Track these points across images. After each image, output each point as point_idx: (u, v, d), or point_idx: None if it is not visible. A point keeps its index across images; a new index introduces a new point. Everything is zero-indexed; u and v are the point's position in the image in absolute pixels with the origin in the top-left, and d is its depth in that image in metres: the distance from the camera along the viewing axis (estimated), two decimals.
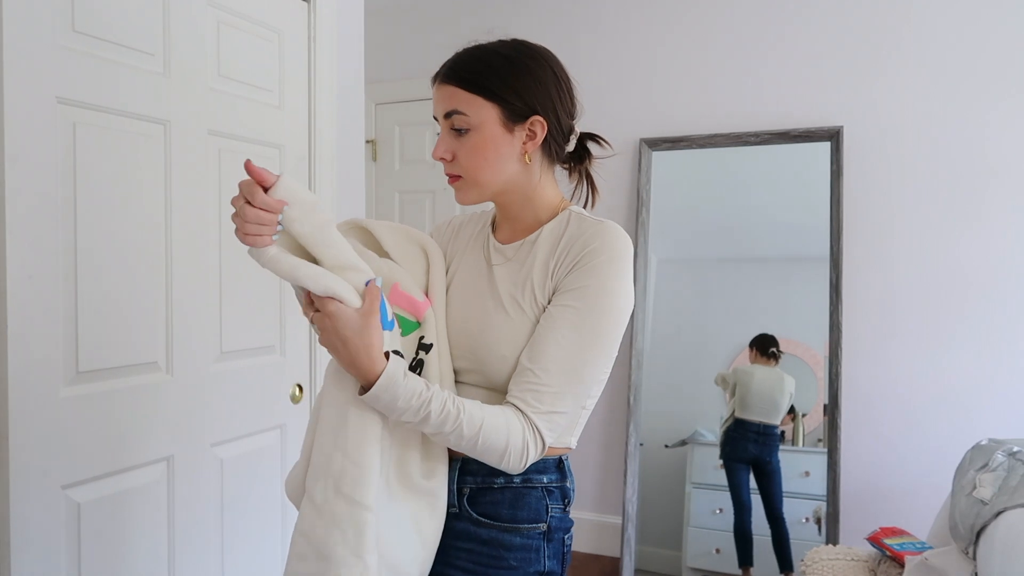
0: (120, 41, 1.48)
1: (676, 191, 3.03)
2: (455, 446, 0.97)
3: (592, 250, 1.01)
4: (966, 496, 1.62)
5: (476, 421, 0.95)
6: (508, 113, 1.05)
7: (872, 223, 2.73)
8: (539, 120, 1.07)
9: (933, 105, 2.66)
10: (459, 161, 1.07)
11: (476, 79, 1.05)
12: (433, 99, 1.10)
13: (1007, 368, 2.57)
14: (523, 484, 1.06)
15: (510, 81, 1.05)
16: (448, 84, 1.06)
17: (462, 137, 1.06)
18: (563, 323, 0.99)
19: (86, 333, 1.42)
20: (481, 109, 1.04)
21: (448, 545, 1.06)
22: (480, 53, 1.08)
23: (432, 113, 1.11)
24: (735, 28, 2.94)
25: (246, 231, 0.90)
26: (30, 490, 1.33)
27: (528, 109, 1.06)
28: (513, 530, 1.04)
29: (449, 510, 1.06)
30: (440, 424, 0.94)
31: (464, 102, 1.04)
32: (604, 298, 1.00)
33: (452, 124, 1.06)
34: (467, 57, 1.08)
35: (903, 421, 2.68)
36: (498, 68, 1.06)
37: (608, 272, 1.00)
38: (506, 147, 1.07)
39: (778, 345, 2.82)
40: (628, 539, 2.85)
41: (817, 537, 2.70)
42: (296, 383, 1.97)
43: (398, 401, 0.93)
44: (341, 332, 0.93)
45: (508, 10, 3.23)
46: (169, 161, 1.59)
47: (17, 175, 1.29)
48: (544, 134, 1.08)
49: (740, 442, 2.84)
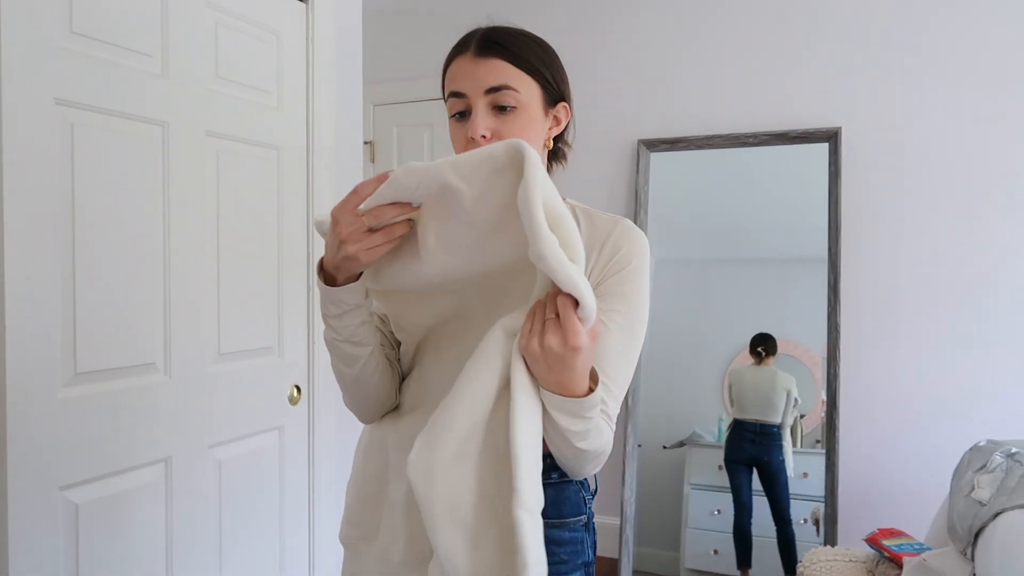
0: (118, 42, 1.48)
1: (674, 192, 3.03)
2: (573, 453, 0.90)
3: (624, 255, 1.00)
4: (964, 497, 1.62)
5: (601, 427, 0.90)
6: (547, 96, 1.03)
7: (870, 224, 2.74)
8: (565, 107, 1.06)
9: (931, 106, 2.67)
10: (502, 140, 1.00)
11: (523, 54, 1.00)
12: (459, 73, 1.01)
13: (1005, 369, 2.58)
14: (561, 479, 1.04)
15: (548, 62, 1.03)
16: (494, 57, 0.99)
17: (505, 115, 0.99)
18: (615, 329, 0.96)
19: (84, 334, 1.42)
20: (529, 87, 1.00)
21: None
22: (515, 31, 1.04)
23: (454, 89, 1.01)
24: (733, 30, 2.94)
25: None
26: (28, 491, 1.32)
27: (559, 95, 1.05)
28: (561, 525, 1.04)
29: None
30: (585, 432, 0.87)
31: (515, 78, 0.99)
32: (643, 303, 0.99)
33: (496, 100, 0.98)
34: (505, 33, 1.03)
35: (901, 422, 2.69)
36: (536, 48, 1.03)
37: (642, 275, 1.00)
38: (542, 131, 1.04)
39: (769, 343, 2.81)
40: (626, 540, 2.85)
41: (815, 538, 2.70)
42: (294, 384, 1.97)
43: (586, 411, 0.85)
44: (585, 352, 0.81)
45: (505, 11, 3.23)
46: (167, 162, 1.59)
47: (15, 176, 1.29)
48: (567, 122, 1.06)
49: (738, 443, 2.84)
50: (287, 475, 1.97)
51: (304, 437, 2.03)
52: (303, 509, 2.04)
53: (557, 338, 0.78)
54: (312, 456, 2.04)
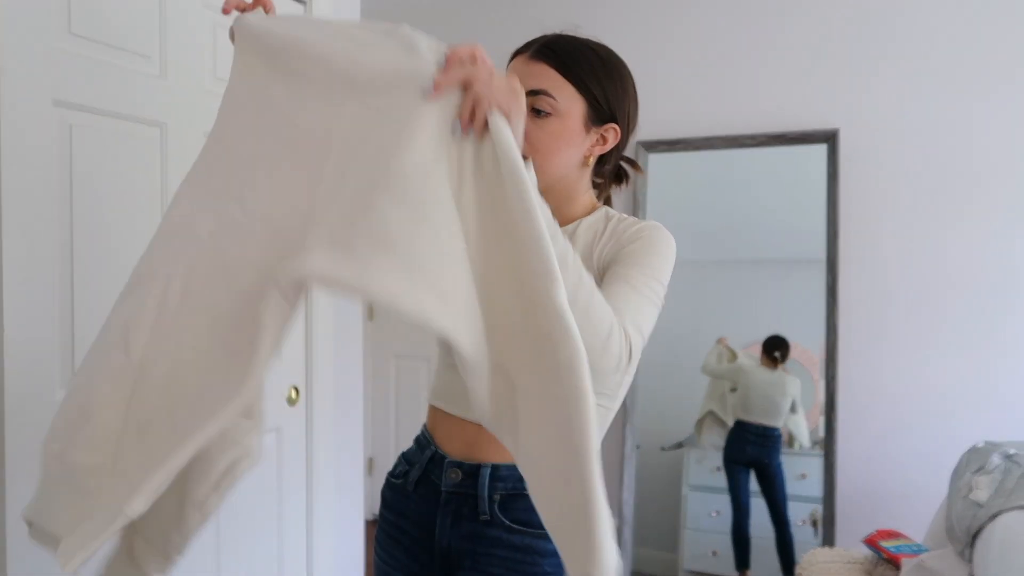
0: (117, 44, 1.48)
1: (673, 193, 3.03)
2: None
3: (638, 229, 1.02)
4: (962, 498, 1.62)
5: (591, 283, 0.87)
6: (592, 113, 1.03)
7: (868, 225, 2.74)
8: (614, 128, 1.06)
9: (929, 108, 2.67)
10: (529, 143, 0.98)
11: (574, 66, 1.02)
12: (511, 71, 1.04)
13: (1004, 370, 2.58)
14: None
15: (603, 81, 1.03)
16: (542, 62, 1.02)
17: (540, 119, 1.01)
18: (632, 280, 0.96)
19: (82, 336, 1.42)
20: (571, 99, 1.02)
21: (482, 552, 1.04)
22: (578, 43, 1.05)
23: None
24: (731, 31, 2.94)
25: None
26: (26, 493, 1.32)
27: (609, 114, 1.05)
28: (547, 536, 1.02)
29: (480, 517, 1.04)
30: (564, 253, 0.84)
31: (557, 86, 1.01)
32: (659, 242, 1.00)
33: (533, 104, 1.00)
34: (565, 43, 1.05)
35: (900, 423, 2.69)
36: (594, 64, 1.03)
37: (655, 243, 1.01)
38: (578, 144, 1.04)
39: (785, 350, 2.80)
40: (624, 541, 2.85)
41: (813, 539, 2.70)
42: (292, 385, 1.97)
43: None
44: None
45: (503, 12, 3.23)
46: (165, 163, 1.59)
47: (13, 177, 1.29)
48: (615, 143, 1.06)
49: (740, 444, 2.84)
50: (285, 476, 1.96)
51: (302, 438, 2.02)
52: (301, 510, 2.03)
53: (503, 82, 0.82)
54: (311, 457, 2.04)
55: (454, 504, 1.07)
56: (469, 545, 1.05)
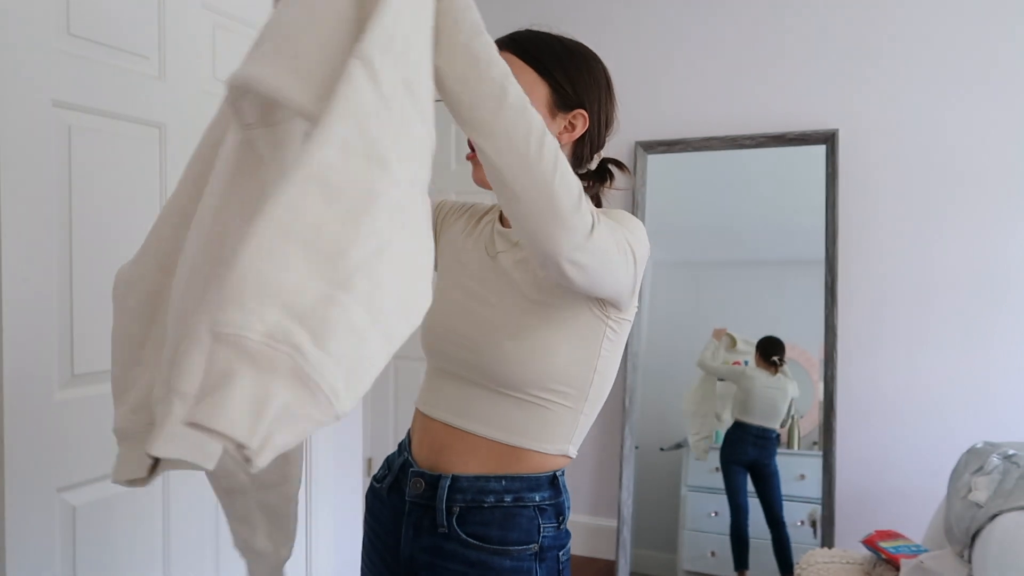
0: (115, 44, 1.48)
1: (671, 194, 3.03)
2: (519, 162, 0.78)
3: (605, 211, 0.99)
4: (961, 499, 1.62)
5: (555, 145, 0.80)
6: (557, 98, 1.03)
7: (867, 226, 2.74)
8: (582, 114, 1.05)
9: (928, 108, 2.67)
10: None
11: (536, 53, 1.03)
12: None
13: (1003, 371, 2.58)
14: (514, 503, 1.01)
15: (567, 66, 1.04)
16: (508, 52, 1.03)
17: None
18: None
19: (81, 336, 1.42)
20: (533, 84, 1.01)
21: (436, 566, 1.02)
22: (544, 34, 1.07)
23: None
24: (730, 32, 2.95)
25: None
26: (25, 493, 1.32)
27: (576, 100, 1.05)
28: (503, 552, 0.99)
29: (438, 530, 1.02)
30: (521, 109, 0.77)
31: (518, 71, 0.97)
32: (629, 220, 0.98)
33: None
34: (530, 33, 1.06)
35: (898, 424, 2.69)
36: (557, 50, 1.04)
37: (627, 217, 0.99)
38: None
39: (781, 353, 2.81)
40: (623, 542, 2.85)
41: (812, 540, 2.70)
42: None
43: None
44: None
45: (501, 13, 3.23)
46: (164, 164, 1.59)
47: (13, 178, 1.29)
48: (583, 130, 1.06)
49: (739, 445, 2.84)
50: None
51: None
52: (300, 511, 2.04)
53: None
54: (310, 457, 2.04)
55: (416, 515, 1.05)
56: (428, 557, 1.03)
